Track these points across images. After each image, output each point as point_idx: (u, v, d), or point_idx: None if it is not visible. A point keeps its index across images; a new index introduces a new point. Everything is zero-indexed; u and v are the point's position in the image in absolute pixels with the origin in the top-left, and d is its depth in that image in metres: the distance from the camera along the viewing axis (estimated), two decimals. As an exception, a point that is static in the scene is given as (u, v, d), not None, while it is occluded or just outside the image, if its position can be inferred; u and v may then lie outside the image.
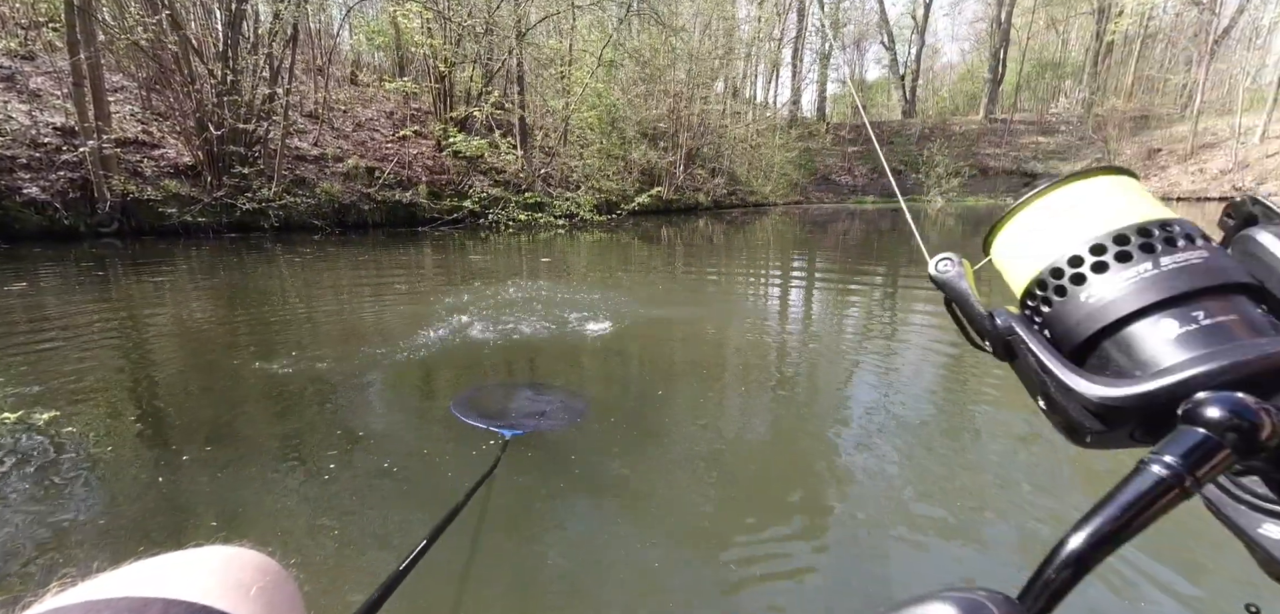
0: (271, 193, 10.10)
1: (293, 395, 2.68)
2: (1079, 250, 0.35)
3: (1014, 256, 0.40)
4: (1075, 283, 0.35)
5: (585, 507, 1.78)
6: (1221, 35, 27.65)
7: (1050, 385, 0.33)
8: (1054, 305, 0.36)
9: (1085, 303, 0.34)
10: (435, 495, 1.83)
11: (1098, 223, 0.35)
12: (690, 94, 20.81)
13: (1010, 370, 0.37)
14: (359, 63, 17.52)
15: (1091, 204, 0.37)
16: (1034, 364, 0.34)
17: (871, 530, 1.66)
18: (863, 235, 11.37)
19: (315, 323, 4.05)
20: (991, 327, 0.37)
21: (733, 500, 1.82)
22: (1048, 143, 31.01)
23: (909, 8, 37.96)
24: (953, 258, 0.39)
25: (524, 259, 7.63)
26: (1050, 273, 0.36)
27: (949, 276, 0.39)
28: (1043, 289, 0.37)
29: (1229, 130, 23.90)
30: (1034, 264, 0.37)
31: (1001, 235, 0.41)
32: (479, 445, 2.13)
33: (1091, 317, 0.34)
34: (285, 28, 10.82)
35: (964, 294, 0.38)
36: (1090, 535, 0.26)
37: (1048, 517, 1.73)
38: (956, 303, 0.39)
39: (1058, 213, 0.37)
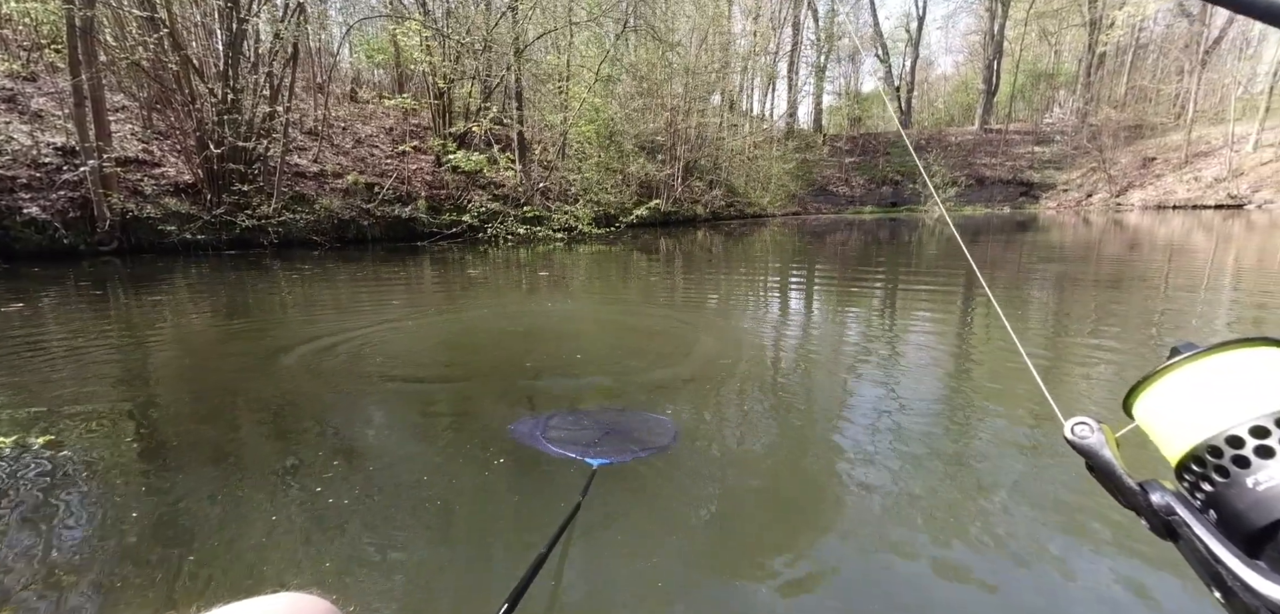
0: (271, 209, 10.13)
1: (295, 415, 2.66)
2: (1238, 431, 0.32)
3: (1164, 423, 0.36)
4: (1239, 465, 0.32)
5: (674, 542, 1.68)
6: (1212, 45, 27.96)
7: (1226, 578, 0.30)
8: (1218, 485, 0.33)
9: (1254, 489, 0.31)
10: (457, 516, 1.82)
11: (1258, 401, 0.32)
12: (687, 107, 20.97)
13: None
14: (359, 80, 17.66)
15: (1249, 378, 0.33)
16: (1204, 552, 0.31)
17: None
18: (867, 245, 11.40)
19: (317, 339, 4.04)
20: (1145, 502, 0.34)
21: (835, 541, 1.74)
22: (1043, 152, 31.24)
23: (903, 21, 38.32)
24: (1091, 423, 0.36)
25: (523, 272, 7.65)
26: (1208, 450, 0.33)
27: (1089, 443, 0.36)
28: (1201, 466, 0.34)
29: (1222, 139, 24.11)
30: (1190, 437, 0.34)
31: (1146, 397, 0.38)
32: (507, 472, 2.12)
33: (1265, 504, 0.31)
34: (285, 47, 10.92)
35: (1108, 466, 0.35)
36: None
37: (1068, 547, 1.71)
38: (1100, 475, 0.36)
39: (1209, 384, 0.34)
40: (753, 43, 29.82)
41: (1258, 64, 26.96)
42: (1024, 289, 5.94)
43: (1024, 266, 7.71)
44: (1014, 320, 4.58)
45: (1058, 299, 5.37)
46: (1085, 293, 5.60)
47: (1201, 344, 0.35)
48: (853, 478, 2.01)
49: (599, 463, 1.89)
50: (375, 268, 7.99)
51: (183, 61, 9.51)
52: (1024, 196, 29.18)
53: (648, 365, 3.42)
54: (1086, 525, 1.72)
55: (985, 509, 1.83)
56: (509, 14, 14.02)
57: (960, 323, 4.53)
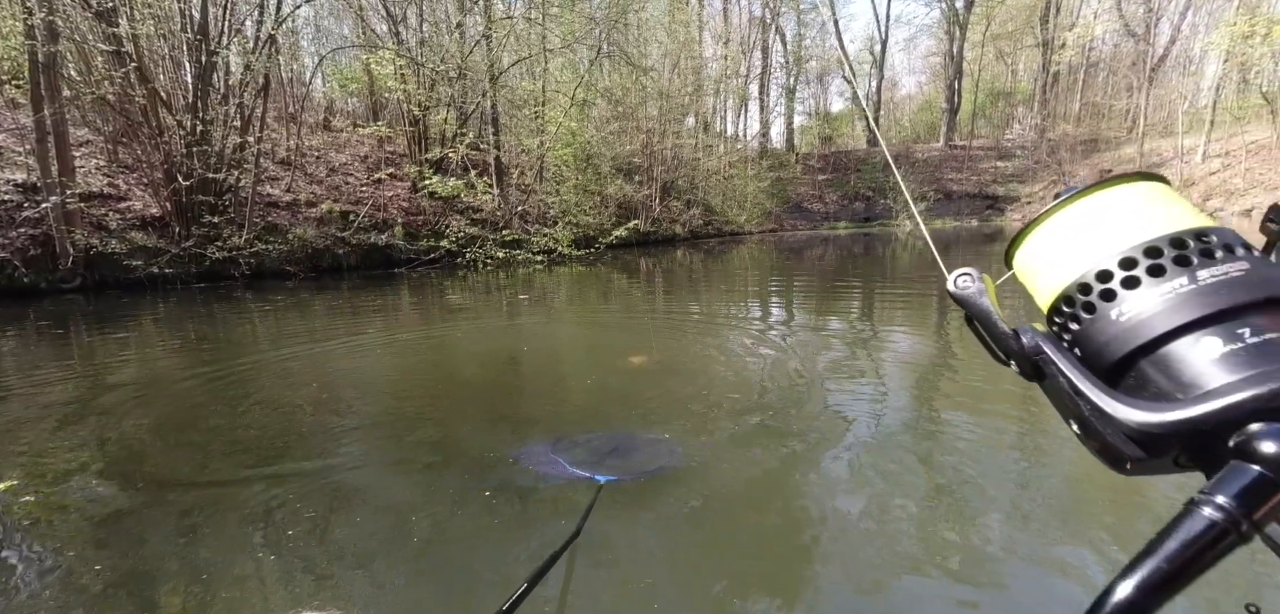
0: (243, 241, 9.93)
1: (268, 450, 2.60)
2: (1107, 265, 0.33)
3: (1038, 270, 0.37)
4: (1105, 299, 0.33)
5: (680, 558, 1.69)
6: (1158, 63, 29.49)
7: (1084, 409, 0.31)
8: (1083, 323, 0.33)
9: (1117, 321, 0.32)
10: (440, 550, 1.79)
11: (1127, 234, 0.33)
12: (663, 129, 21.27)
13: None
14: (332, 108, 17.53)
15: (1120, 213, 0.34)
16: (1066, 386, 0.32)
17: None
18: (844, 259, 11.62)
19: (290, 371, 3.96)
20: (1017, 346, 0.34)
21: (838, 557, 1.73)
22: (1006, 167, 32.36)
23: (867, 44, 39.64)
24: (972, 273, 0.37)
25: (503, 296, 7.61)
26: (1078, 288, 0.34)
27: (969, 293, 0.36)
28: (1071, 305, 0.34)
29: (1173, 151, 25.32)
30: (1060, 279, 0.35)
31: (1024, 247, 0.38)
32: (491, 502, 2.10)
33: (1125, 335, 0.31)
34: (256, 78, 10.81)
35: (985, 311, 0.35)
36: (1139, 585, 0.24)
37: (1068, 543, 1.76)
38: (978, 321, 0.36)
39: (1084, 223, 0.35)
40: (724, 66, 30.49)
41: (1201, 80, 28.50)
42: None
43: (995, 275, 7.94)
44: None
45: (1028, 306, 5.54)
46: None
47: (1081, 184, 0.36)
48: (848, 496, 2.03)
49: (606, 479, 1.93)
50: (352, 296, 7.87)
51: (150, 94, 9.34)
52: (990, 209, 30.13)
53: (632, 386, 3.43)
54: (1083, 532, 1.78)
55: (976, 518, 1.88)
56: (483, 42, 14.13)
57: (937, 331, 4.65)
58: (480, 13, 14.46)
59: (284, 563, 1.70)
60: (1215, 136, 24.80)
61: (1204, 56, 28.40)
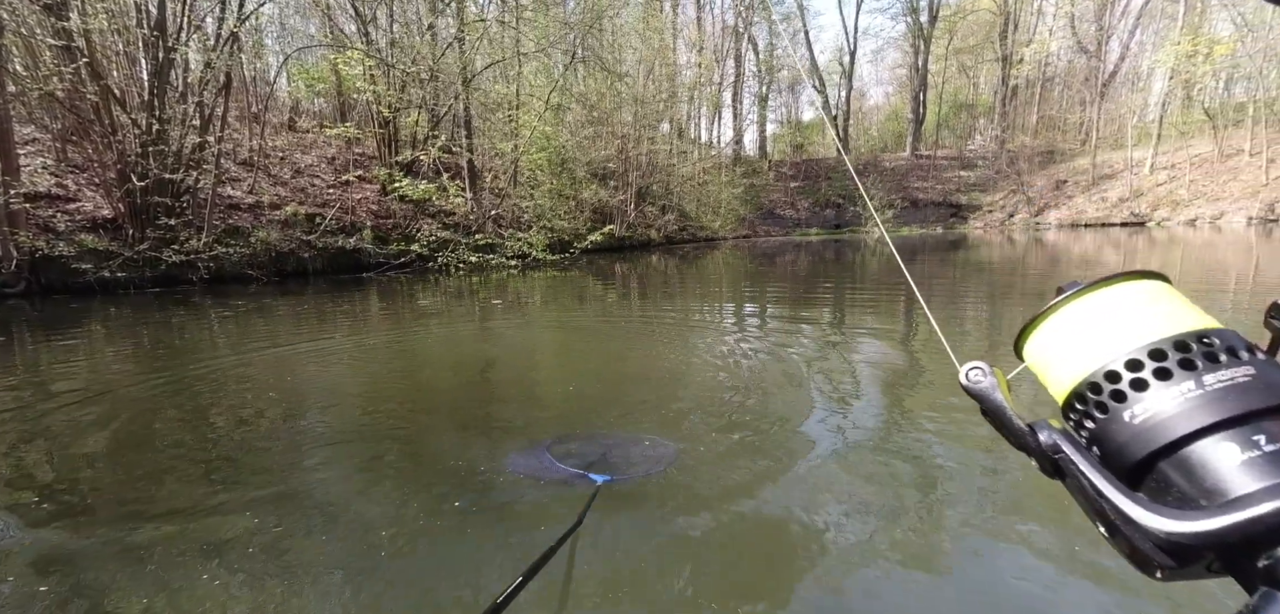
0: (201, 244, 9.56)
1: (228, 463, 2.50)
2: (1115, 365, 0.33)
3: (1049, 364, 0.37)
4: (1116, 400, 0.32)
5: (675, 558, 1.67)
6: (1109, 79, 30.97)
7: (1109, 512, 0.30)
8: (1099, 421, 0.33)
9: (1131, 422, 0.32)
10: (413, 564, 1.74)
11: (1132, 335, 0.33)
12: (637, 135, 21.34)
13: None
14: (298, 109, 17.07)
15: (1124, 312, 0.34)
16: (1088, 488, 0.31)
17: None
18: (816, 265, 11.81)
19: (251, 379, 3.82)
20: (1035, 443, 0.34)
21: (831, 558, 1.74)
22: (969, 176, 33.46)
23: (836, 55, 40.57)
24: (984, 367, 0.36)
25: (476, 300, 7.49)
26: (1088, 387, 0.34)
27: (982, 388, 0.36)
28: (1084, 402, 0.34)
29: (1123, 163, 26.58)
30: (1071, 375, 0.35)
31: (1033, 339, 0.38)
32: (465, 513, 2.05)
33: (1142, 437, 0.31)
34: (217, 76, 10.44)
35: (999, 407, 0.35)
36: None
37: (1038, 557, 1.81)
38: (992, 417, 0.36)
39: (1089, 321, 0.35)
40: (698, 74, 30.81)
41: (1148, 95, 30.02)
42: (959, 304, 6.30)
43: (959, 282, 8.19)
44: (951, 329, 4.84)
45: (991, 312, 5.73)
46: (1015, 307, 6.00)
47: (1084, 282, 0.36)
48: (840, 495, 2.03)
49: (603, 480, 1.92)
50: (318, 301, 7.64)
51: (103, 91, 8.93)
52: (954, 217, 31.09)
53: (608, 390, 3.41)
54: (1066, 521, 1.83)
55: (955, 514, 1.91)
56: (455, 44, 13.96)
57: (905, 338, 4.76)
58: (452, 15, 14.29)
59: (245, 587, 1.63)
60: (1162, 150, 26.14)
61: (1151, 73, 29.96)
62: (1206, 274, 7.81)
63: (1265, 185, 20.94)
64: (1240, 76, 24.76)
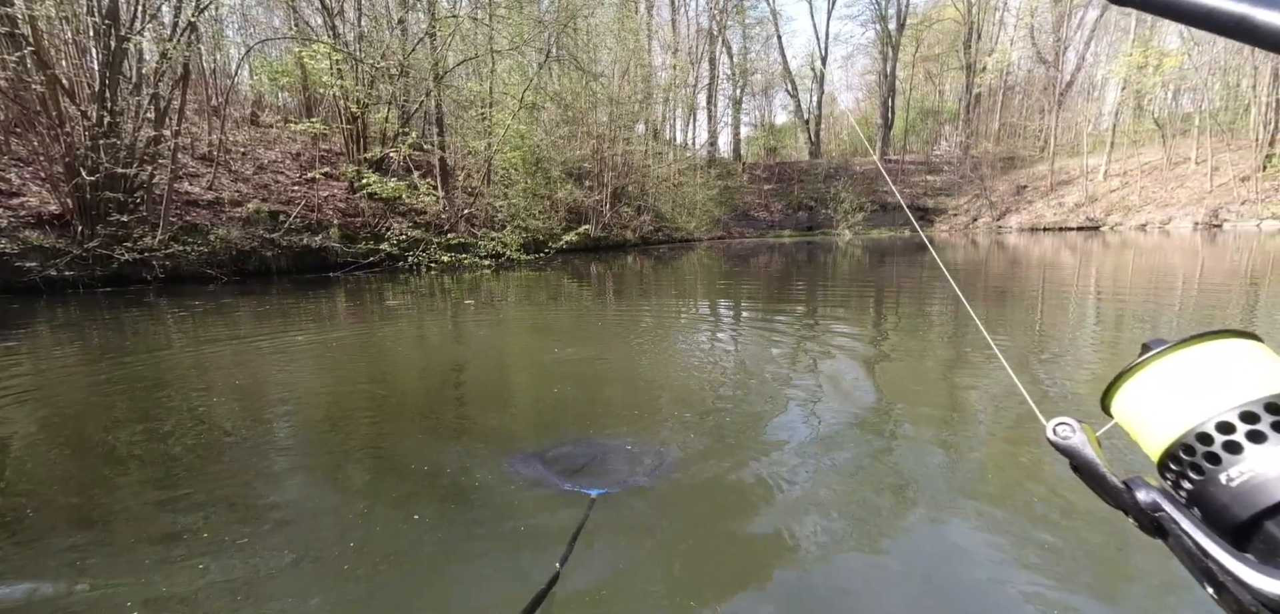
0: (156, 241, 9.15)
1: (182, 472, 2.37)
2: (1207, 428, 0.32)
3: (1140, 421, 0.36)
4: (1230, 450, 0.31)
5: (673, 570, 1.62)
6: (1066, 88, 32.23)
7: (1217, 573, 0.29)
8: (1206, 474, 0.32)
9: (1230, 484, 0.31)
10: (383, 577, 1.67)
11: (1244, 388, 0.32)
12: (613, 135, 21.30)
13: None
14: (261, 103, 16.53)
15: (1214, 373, 0.33)
16: (1192, 548, 0.30)
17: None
18: (789, 266, 11.96)
19: (208, 384, 3.66)
20: (1132, 501, 0.33)
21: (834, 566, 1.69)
22: (935, 181, 34.41)
23: (808, 60, 41.27)
24: (1072, 423, 0.35)
25: (448, 301, 7.35)
26: (1197, 438, 0.33)
27: (1072, 444, 0.35)
28: (1190, 454, 0.33)
29: (1079, 169, 27.71)
30: (1165, 435, 0.34)
31: (1124, 392, 0.37)
32: (437, 521, 1.98)
33: (1243, 498, 0.30)
34: (174, 67, 10.02)
35: (1091, 464, 0.34)
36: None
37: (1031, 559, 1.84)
38: (1083, 474, 0.35)
39: (1178, 380, 0.34)
40: (673, 76, 30.95)
41: (1102, 105, 31.37)
42: (927, 306, 6.45)
43: (924, 283, 8.40)
44: (922, 332, 4.95)
45: (956, 312, 5.88)
46: (980, 308, 6.17)
47: (1171, 340, 0.35)
48: (834, 503, 2.01)
49: (597, 493, 1.86)
50: (281, 301, 7.39)
51: (50, 81, 8.47)
52: (921, 221, 31.92)
53: (586, 392, 3.37)
54: (1069, 529, 1.87)
55: (966, 517, 1.94)
56: (427, 40, 13.70)
57: (880, 334, 4.84)
58: (423, 10, 14.02)
59: (201, 601, 1.55)
60: (1115, 157, 27.33)
61: (1105, 83, 31.31)
62: (1156, 278, 8.18)
63: (1210, 192, 22.09)
64: (1187, 88, 26.07)
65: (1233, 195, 21.14)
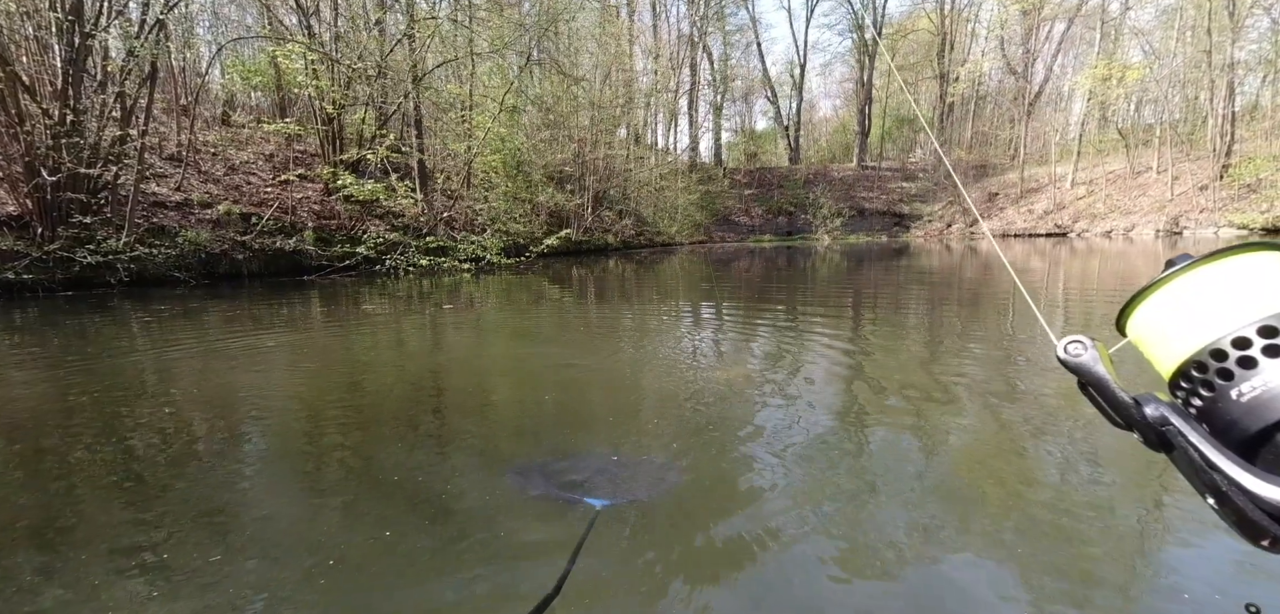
0: (121, 243, 8.86)
1: (149, 483, 2.30)
2: (1246, 331, 0.31)
3: (1160, 337, 0.35)
4: (1245, 366, 0.31)
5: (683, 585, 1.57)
6: (1035, 99, 33.18)
7: (1220, 483, 0.29)
8: (1217, 389, 0.32)
9: (1240, 400, 0.31)
10: (360, 589, 1.64)
11: (1241, 311, 0.31)
12: (595, 139, 21.30)
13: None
14: (232, 103, 16.13)
15: (1234, 288, 0.32)
16: (1197, 459, 0.30)
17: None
18: (770, 270, 12.07)
19: (174, 390, 3.55)
20: (1140, 416, 0.33)
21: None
22: (910, 188, 35.09)
23: (787, 67, 41.82)
24: (1084, 341, 0.35)
25: (427, 305, 7.25)
26: (1211, 354, 0.32)
27: (1082, 361, 0.35)
28: (1202, 371, 0.33)
29: (1048, 177, 28.54)
30: (1188, 345, 0.33)
31: (1140, 312, 0.37)
32: (416, 532, 1.95)
33: (1265, 406, 0.30)
34: (142, 65, 9.73)
35: (1102, 380, 0.34)
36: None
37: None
38: (1094, 389, 0.34)
39: (1197, 296, 0.33)
40: (654, 81, 31.08)
41: (1069, 115, 32.38)
42: (903, 307, 6.57)
43: (900, 286, 8.55)
44: (900, 333, 5.04)
45: (932, 315, 6.00)
46: (950, 310, 6.31)
47: (1195, 255, 0.35)
48: (836, 510, 1.99)
49: (601, 504, 1.84)
50: (252, 305, 7.21)
51: (9, 78, 8.14)
52: (897, 226, 32.54)
53: (567, 399, 3.36)
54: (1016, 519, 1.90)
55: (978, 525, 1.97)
56: (405, 41, 13.54)
57: (857, 336, 4.91)
58: (402, 11, 13.86)
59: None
60: (1081, 166, 28.21)
61: (1072, 95, 32.31)
62: (1122, 281, 8.46)
63: (1171, 201, 22.93)
64: (1148, 100, 27.08)
65: (1192, 204, 21.98)
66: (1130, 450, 2.23)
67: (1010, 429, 2.61)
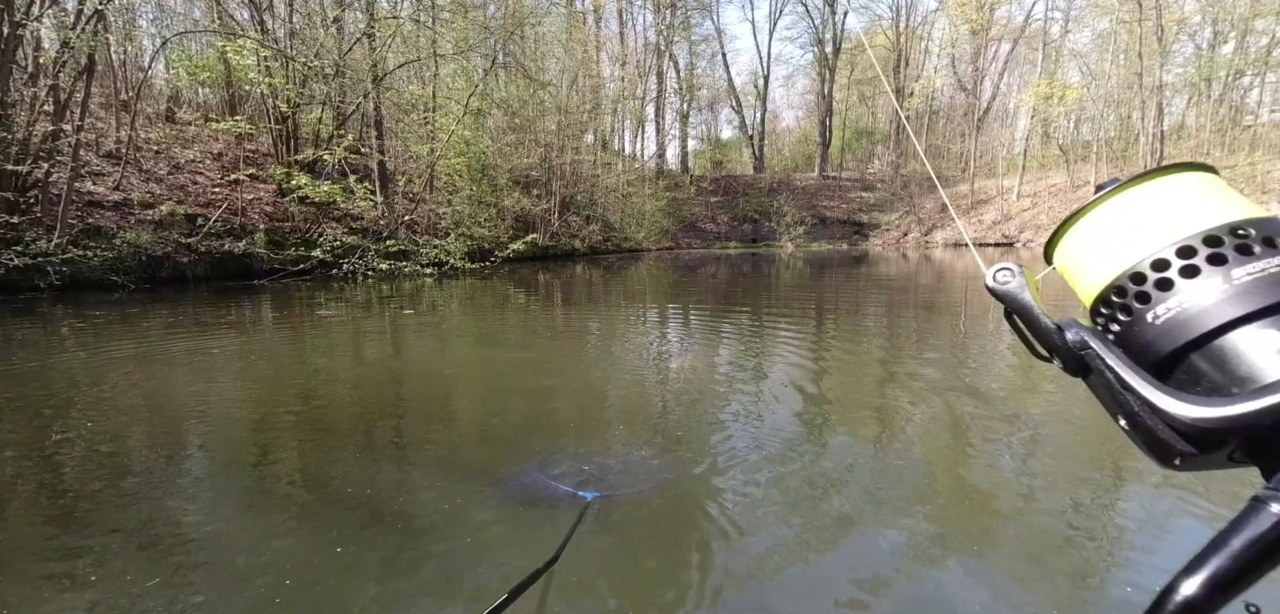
0: (52, 245, 8.30)
1: (81, 498, 2.15)
2: (1164, 253, 0.31)
3: (1083, 263, 0.36)
4: (1162, 288, 0.31)
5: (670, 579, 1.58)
6: (983, 115, 34.82)
7: (1133, 404, 0.30)
8: (1134, 313, 0.32)
9: (1155, 323, 0.31)
10: (311, 605, 1.56)
11: (1184, 222, 0.32)
12: (562, 144, 21.19)
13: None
14: (178, 99, 15.37)
15: (1175, 202, 0.33)
16: (1113, 381, 0.31)
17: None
18: (735, 277, 12.22)
19: (108, 401, 3.34)
20: (1061, 341, 0.33)
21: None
22: (869, 197, 36.23)
23: (752, 78, 42.64)
24: (1013, 268, 0.36)
25: (386, 310, 7.03)
26: (1130, 278, 0.32)
27: (1010, 288, 0.35)
28: (1121, 296, 0.33)
29: (996, 189, 29.92)
30: (1109, 271, 0.34)
31: (1067, 240, 0.37)
32: (372, 544, 1.87)
33: (1179, 327, 0.30)
34: (77, 57, 9.17)
35: (1027, 307, 0.34)
36: (1204, 583, 0.23)
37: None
38: (1019, 316, 0.35)
39: (1136, 213, 0.33)
40: (621, 87, 31.19)
41: (1015, 131, 34.10)
42: (867, 312, 6.75)
43: (861, 294, 8.79)
44: (862, 337, 5.17)
45: (891, 318, 6.18)
46: (908, 314, 6.52)
47: (1124, 177, 0.35)
48: (827, 510, 2.01)
49: (592, 496, 1.90)
50: (196, 310, 6.85)
51: (-80, 62, 7.55)
52: (857, 235, 33.52)
53: (532, 406, 3.31)
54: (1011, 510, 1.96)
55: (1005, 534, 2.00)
56: (365, 40, 13.18)
57: (821, 340, 5.01)
58: (361, 9, 13.50)
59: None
60: (1026, 179, 29.71)
61: (1017, 111, 34.03)
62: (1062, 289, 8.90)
63: (1106, 213, 24.32)
64: (1086, 118, 28.77)
65: (1125, 216, 23.37)
66: (1130, 447, 2.35)
67: (976, 422, 2.71)
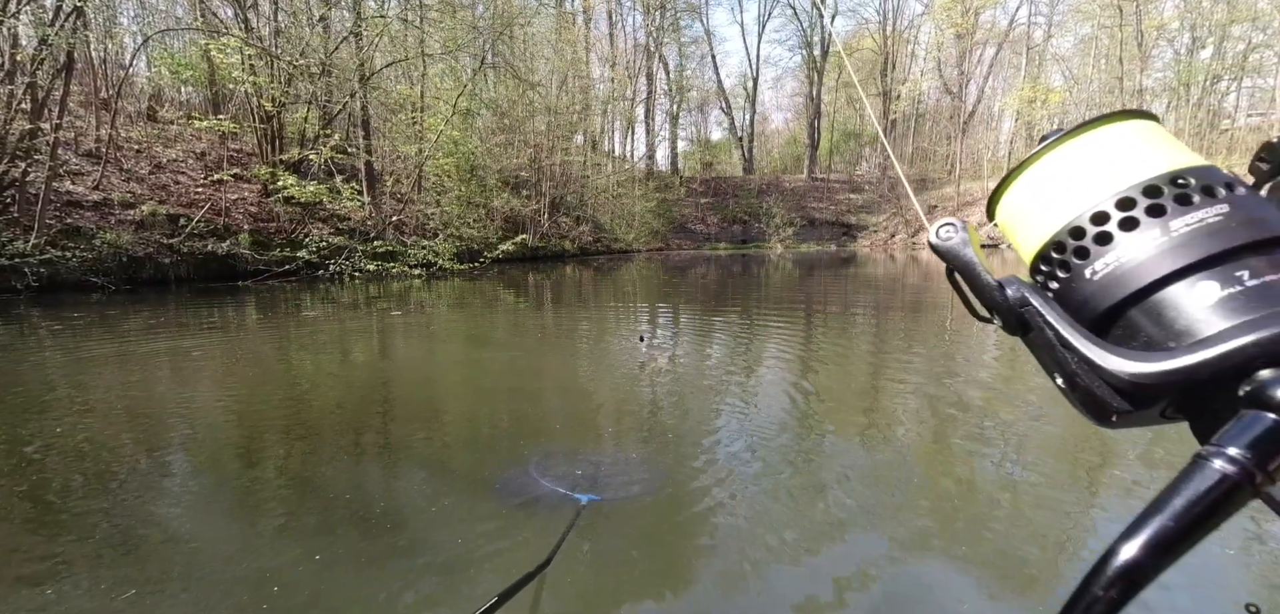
0: (29, 246, 8.12)
1: (64, 502, 2.09)
2: (1104, 206, 0.31)
3: (1024, 219, 0.35)
4: (1100, 242, 0.31)
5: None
6: (969, 118, 35.24)
7: (1071, 361, 0.29)
8: (1073, 269, 0.32)
9: (1093, 278, 0.31)
10: (292, 607, 1.53)
11: (1125, 173, 0.31)
12: (551, 145, 21.12)
13: None
14: (160, 97, 15.09)
15: (1116, 153, 0.32)
16: (1052, 338, 0.30)
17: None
18: (725, 278, 12.25)
19: (89, 405, 3.27)
20: (1002, 298, 0.33)
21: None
22: (857, 199, 36.51)
23: (741, 80, 42.82)
24: (956, 223, 0.35)
25: (373, 311, 6.95)
26: (1069, 233, 0.32)
27: (952, 244, 0.34)
28: (1060, 251, 0.32)
29: (981, 192, 30.31)
30: (1048, 226, 0.33)
31: (1009, 195, 0.36)
32: (354, 547, 1.84)
33: (1117, 282, 0.30)
34: (56, 55, 8.98)
35: (969, 263, 0.33)
36: (1145, 545, 0.22)
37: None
38: (961, 273, 0.34)
39: (1074, 166, 0.33)
40: (611, 88, 31.17)
41: (999, 134, 34.59)
42: (856, 312, 6.79)
43: (849, 295, 8.85)
44: (847, 335, 5.20)
45: (874, 320, 6.23)
46: (896, 314, 6.57)
47: (1066, 128, 0.34)
48: (817, 514, 2.02)
49: (586, 499, 1.91)
50: (179, 312, 6.73)
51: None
52: (845, 236, 33.77)
53: (523, 407, 3.29)
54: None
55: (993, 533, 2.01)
56: (351, 39, 13.05)
57: (811, 341, 5.03)
58: (348, 8, 13.36)
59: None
60: (1011, 180, 30.14)
61: (1001, 115, 34.53)
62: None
63: (1088, 214, 24.76)
64: (1069, 121, 29.24)
65: (1108, 217, 23.82)
66: (1112, 445, 2.37)
67: (961, 422, 2.73)
